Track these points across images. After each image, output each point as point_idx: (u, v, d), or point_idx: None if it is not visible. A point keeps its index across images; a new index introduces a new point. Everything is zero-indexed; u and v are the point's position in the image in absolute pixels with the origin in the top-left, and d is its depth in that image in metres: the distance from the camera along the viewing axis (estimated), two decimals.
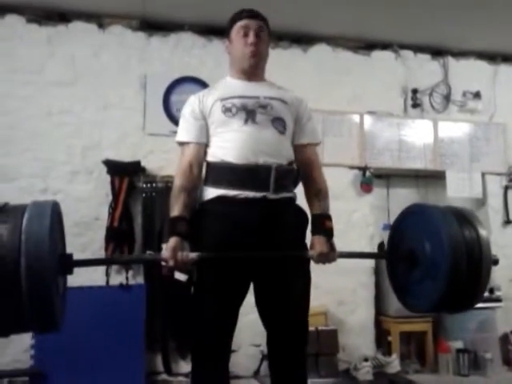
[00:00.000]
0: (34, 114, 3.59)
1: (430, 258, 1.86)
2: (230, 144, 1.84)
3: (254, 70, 1.95)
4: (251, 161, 1.81)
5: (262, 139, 1.85)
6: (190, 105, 1.94)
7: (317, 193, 1.93)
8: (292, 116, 1.94)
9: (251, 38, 1.92)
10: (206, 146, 1.90)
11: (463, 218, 1.88)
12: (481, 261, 1.81)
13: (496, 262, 1.89)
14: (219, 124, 1.88)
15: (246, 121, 1.85)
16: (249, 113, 1.86)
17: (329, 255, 1.84)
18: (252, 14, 1.97)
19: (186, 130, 1.91)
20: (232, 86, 1.96)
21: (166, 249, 1.76)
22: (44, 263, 1.46)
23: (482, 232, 1.85)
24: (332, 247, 1.87)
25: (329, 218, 1.92)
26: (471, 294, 1.85)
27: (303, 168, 1.97)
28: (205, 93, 1.97)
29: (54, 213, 1.62)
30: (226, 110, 1.87)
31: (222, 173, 1.84)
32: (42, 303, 1.47)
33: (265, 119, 1.87)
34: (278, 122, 1.90)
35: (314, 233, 1.89)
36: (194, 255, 1.76)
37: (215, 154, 1.87)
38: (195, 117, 1.90)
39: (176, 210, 1.79)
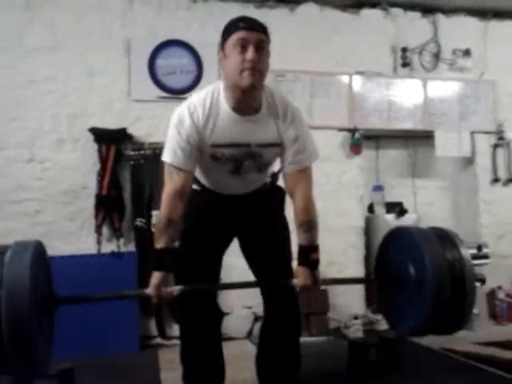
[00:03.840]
0: (17, 83, 3.51)
1: (414, 281, 1.92)
2: (211, 185, 2.00)
3: (249, 93, 1.76)
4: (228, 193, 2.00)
5: (244, 183, 1.96)
6: (183, 127, 1.79)
7: (301, 224, 1.89)
8: (282, 148, 1.89)
9: (250, 54, 1.69)
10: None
11: (445, 239, 1.94)
12: (464, 280, 1.85)
13: (482, 281, 1.97)
14: (207, 164, 1.92)
15: (231, 172, 1.91)
16: (237, 163, 1.88)
17: (311, 287, 1.90)
18: (251, 25, 1.72)
19: (174, 153, 1.81)
20: (224, 124, 1.81)
21: (150, 286, 1.82)
22: (24, 298, 1.52)
23: (464, 252, 1.89)
24: (315, 279, 1.90)
25: (315, 249, 1.92)
26: (457, 314, 1.87)
27: (290, 196, 1.94)
28: (199, 119, 1.79)
29: (37, 251, 1.71)
30: (215, 158, 1.88)
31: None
32: (20, 338, 1.50)
33: (251, 167, 1.91)
34: (264, 166, 1.95)
35: (299, 263, 1.91)
36: (177, 289, 1.85)
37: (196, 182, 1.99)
38: (185, 144, 1.80)
39: (162, 241, 1.82)
